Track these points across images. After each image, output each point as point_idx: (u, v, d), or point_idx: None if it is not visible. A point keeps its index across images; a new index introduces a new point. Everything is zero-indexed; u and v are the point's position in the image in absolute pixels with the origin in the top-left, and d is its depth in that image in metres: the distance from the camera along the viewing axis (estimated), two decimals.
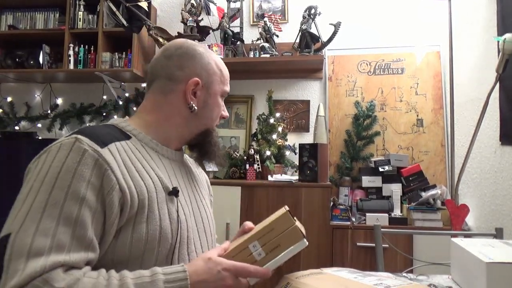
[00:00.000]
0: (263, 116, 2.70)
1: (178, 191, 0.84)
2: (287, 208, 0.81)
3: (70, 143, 0.72)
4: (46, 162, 0.71)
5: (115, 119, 0.91)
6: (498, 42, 1.70)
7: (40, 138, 2.94)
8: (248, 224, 0.90)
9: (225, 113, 1.01)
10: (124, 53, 2.77)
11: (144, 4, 2.67)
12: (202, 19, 2.75)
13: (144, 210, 0.76)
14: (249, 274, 0.76)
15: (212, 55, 0.97)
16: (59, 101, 3.08)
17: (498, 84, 1.80)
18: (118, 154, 0.77)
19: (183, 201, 0.88)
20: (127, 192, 0.74)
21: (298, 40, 2.64)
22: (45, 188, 0.68)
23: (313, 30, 2.58)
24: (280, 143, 2.65)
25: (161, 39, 2.70)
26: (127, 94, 2.96)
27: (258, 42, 2.71)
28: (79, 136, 0.73)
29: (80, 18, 2.79)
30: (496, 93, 1.87)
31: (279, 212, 0.82)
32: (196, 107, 0.91)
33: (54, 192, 0.67)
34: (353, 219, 2.37)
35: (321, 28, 2.62)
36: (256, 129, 2.73)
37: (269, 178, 2.48)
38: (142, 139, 0.87)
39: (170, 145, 0.92)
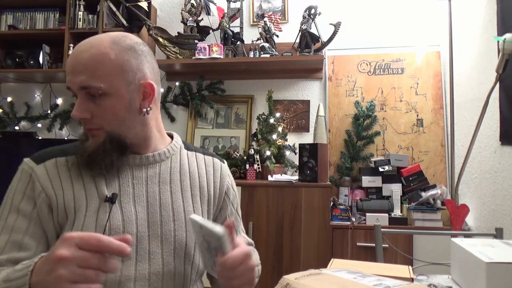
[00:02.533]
0: (263, 116, 2.70)
1: (111, 198, 0.84)
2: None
3: (20, 166, 0.89)
4: None
5: None
6: (498, 42, 1.69)
7: (40, 138, 2.94)
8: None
9: (73, 111, 0.82)
10: None
11: (144, 4, 2.67)
12: (202, 19, 2.75)
13: (71, 218, 0.83)
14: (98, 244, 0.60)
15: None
16: (59, 101, 3.08)
17: (498, 84, 1.80)
18: (55, 168, 0.87)
19: (129, 207, 0.86)
20: (55, 199, 0.84)
21: (298, 40, 2.63)
22: (1, 206, 0.86)
23: (313, 30, 2.58)
24: (280, 143, 2.65)
25: (161, 39, 2.70)
26: None
27: (258, 42, 2.71)
28: (26, 159, 0.89)
29: (80, 18, 2.79)
30: (496, 93, 1.87)
31: None
32: None
33: (4, 209, 0.85)
34: (353, 219, 2.37)
35: (321, 28, 2.62)
36: (256, 129, 2.73)
37: (269, 178, 2.48)
38: None
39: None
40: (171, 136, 1.02)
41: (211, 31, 2.78)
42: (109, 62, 0.81)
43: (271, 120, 2.66)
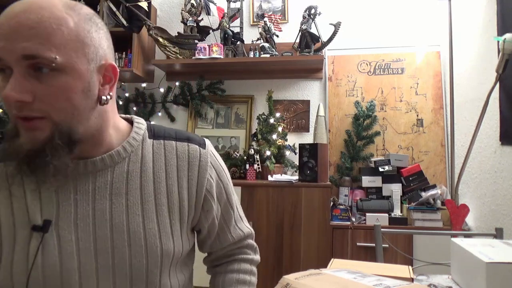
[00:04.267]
0: (263, 116, 2.70)
1: (42, 226, 0.65)
2: None
3: None
4: None
5: None
6: (498, 42, 1.69)
7: None
8: None
9: (6, 90, 0.58)
10: (124, 53, 2.77)
11: (144, 4, 2.67)
12: (202, 19, 2.75)
13: (2, 251, 0.67)
14: None
15: None
16: None
17: (498, 84, 1.80)
18: None
19: (68, 234, 0.67)
20: None
21: (298, 40, 2.64)
22: None
23: (313, 30, 2.58)
24: (280, 143, 2.65)
25: (161, 39, 2.70)
26: (127, 94, 2.97)
27: (258, 42, 2.71)
28: None
29: None
30: (496, 93, 1.87)
31: None
32: None
33: None
34: (353, 219, 2.37)
35: (321, 28, 2.62)
36: (256, 129, 2.73)
37: (269, 178, 2.48)
38: None
39: None
40: (131, 122, 0.78)
41: (211, 31, 2.78)
42: (67, 30, 0.60)
43: (271, 120, 2.66)
